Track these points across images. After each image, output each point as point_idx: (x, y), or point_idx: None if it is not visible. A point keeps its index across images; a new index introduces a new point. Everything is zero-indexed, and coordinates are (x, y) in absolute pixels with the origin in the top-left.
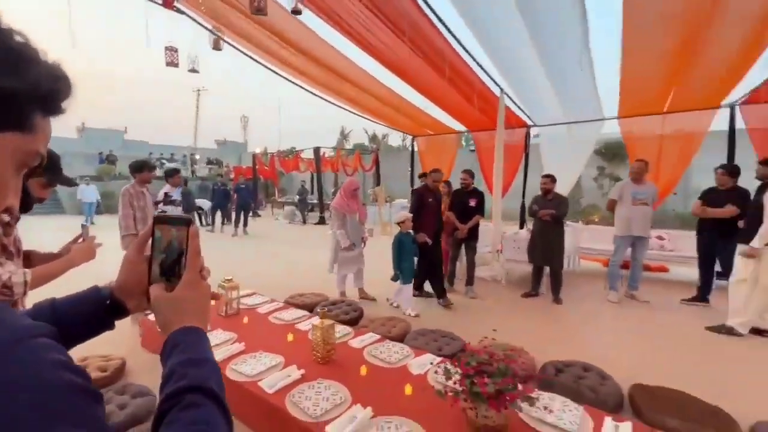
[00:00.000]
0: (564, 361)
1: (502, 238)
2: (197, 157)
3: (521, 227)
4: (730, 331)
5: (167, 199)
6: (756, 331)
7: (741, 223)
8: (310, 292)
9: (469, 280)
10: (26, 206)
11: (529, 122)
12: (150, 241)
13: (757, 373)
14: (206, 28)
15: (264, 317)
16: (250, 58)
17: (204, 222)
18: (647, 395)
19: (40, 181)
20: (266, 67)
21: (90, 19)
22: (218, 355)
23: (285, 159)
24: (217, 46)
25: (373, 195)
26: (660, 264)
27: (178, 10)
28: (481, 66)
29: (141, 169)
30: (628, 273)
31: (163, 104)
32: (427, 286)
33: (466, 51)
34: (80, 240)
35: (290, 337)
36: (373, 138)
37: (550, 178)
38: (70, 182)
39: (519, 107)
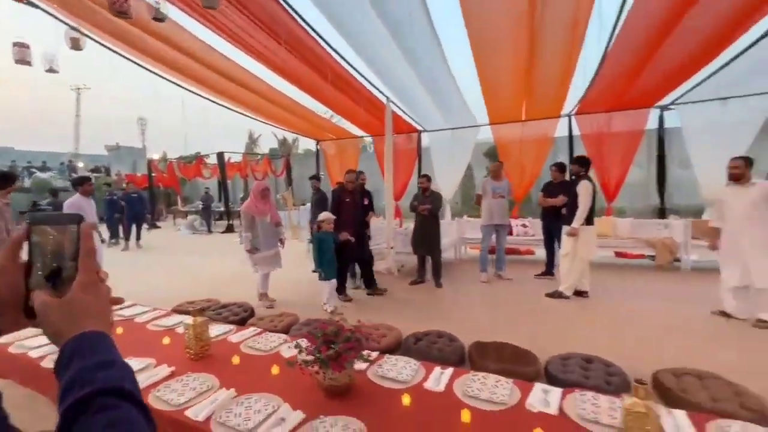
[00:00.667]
0: (424, 332)
1: (393, 234)
2: (80, 164)
3: None
4: (560, 295)
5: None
6: (578, 293)
7: (564, 210)
8: (204, 299)
9: None
10: None
11: (419, 128)
12: (27, 246)
13: (565, 322)
14: (66, 23)
15: (141, 326)
16: (127, 59)
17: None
18: (480, 349)
19: None
20: (150, 70)
21: None
22: None
23: (186, 165)
24: (76, 46)
25: (282, 199)
26: (528, 248)
27: (30, 3)
28: (363, 76)
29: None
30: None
31: (33, 105)
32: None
33: (345, 60)
34: None
35: (166, 341)
36: (283, 143)
37: (426, 178)
38: None
39: (407, 114)
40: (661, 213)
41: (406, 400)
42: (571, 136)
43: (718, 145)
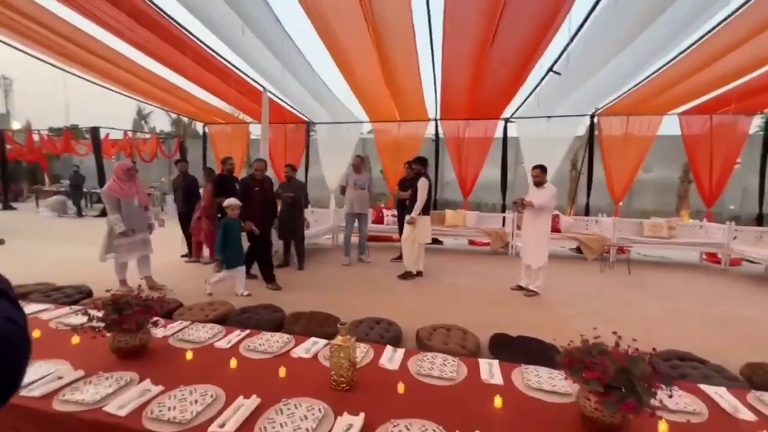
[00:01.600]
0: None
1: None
2: None
3: None
4: (409, 276)
5: None
6: (418, 273)
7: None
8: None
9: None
10: None
11: (306, 119)
12: None
13: (415, 296)
14: None
15: None
16: None
17: None
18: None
19: None
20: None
21: None
22: None
23: (52, 138)
24: None
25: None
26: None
27: None
28: (232, 64)
29: None
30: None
31: None
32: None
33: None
34: None
35: None
36: (177, 122)
37: (290, 167)
38: None
39: (291, 105)
40: (503, 208)
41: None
42: (437, 138)
43: (543, 153)
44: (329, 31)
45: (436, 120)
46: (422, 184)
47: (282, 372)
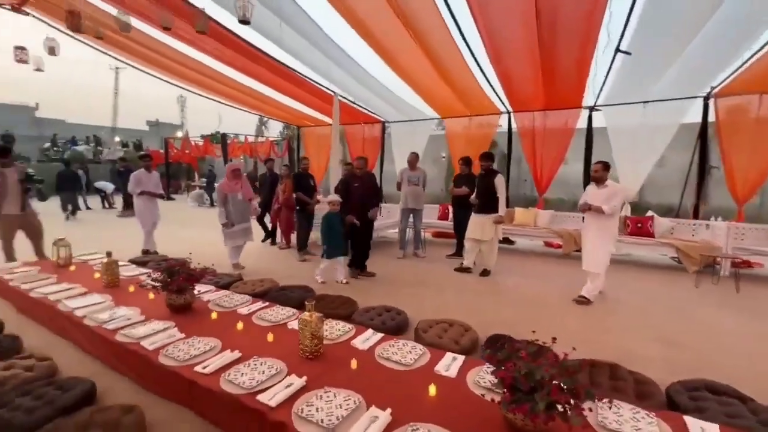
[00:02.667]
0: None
1: None
2: (116, 139)
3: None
4: (467, 270)
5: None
6: (485, 272)
7: (472, 199)
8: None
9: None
10: None
11: (381, 119)
12: None
13: (451, 292)
14: (55, 27)
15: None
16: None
17: (106, 204)
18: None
19: None
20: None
21: None
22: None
23: (195, 144)
24: (51, 53)
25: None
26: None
27: (26, 12)
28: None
29: None
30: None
31: (82, 81)
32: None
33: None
34: None
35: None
36: (288, 126)
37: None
38: None
39: (363, 107)
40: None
41: (213, 315)
42: (510, 131)
43: (639, 144)
44: (381, 46)
45: (509, 113)
46: (501, 181)
47: (270, 337)
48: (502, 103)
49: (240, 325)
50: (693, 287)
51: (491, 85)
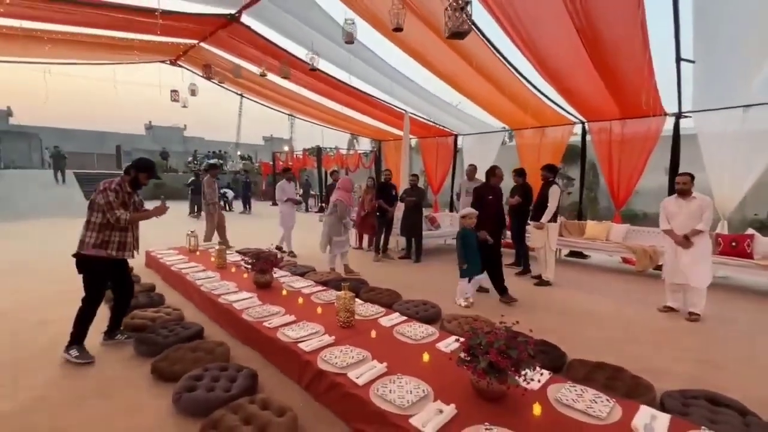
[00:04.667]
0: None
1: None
2: (239, 153)
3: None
4: (545, 283)
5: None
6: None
7: (531, 208)
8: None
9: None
10: (138, 187)
11: (454, 132)
12: None
13: (561, 305)
14: (196, 73)
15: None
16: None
17: (227, 207)
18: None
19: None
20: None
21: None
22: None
23: (297, 157)
24: (192, 94)
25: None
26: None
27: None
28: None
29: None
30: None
31: (216, 105)
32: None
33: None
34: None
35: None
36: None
37: (415, 176)
38: (158, 177)
39: (433, 122)
40: None
41: (284, 292)
42: (584, 142)
43: (737, 153)
44: (438, 70)
45: (582, 123)
46: (554, 192)
47: (319, 310)
48: (572, 115)
49: (300, 300)
50: None
51: (552, 101)
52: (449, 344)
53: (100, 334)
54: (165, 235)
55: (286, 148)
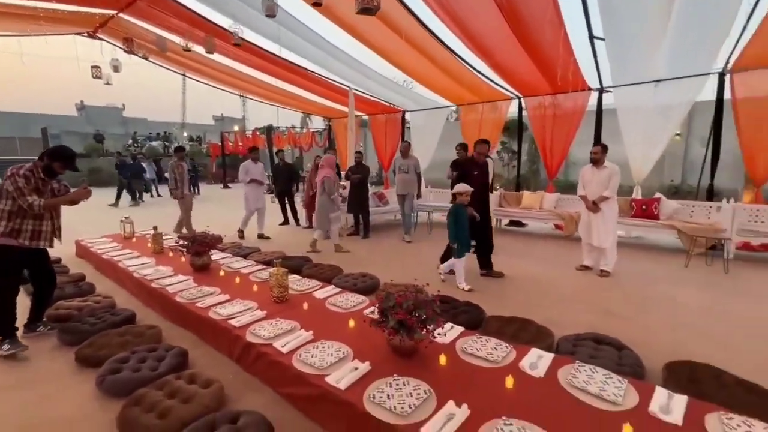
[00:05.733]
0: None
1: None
2: (185, 134)
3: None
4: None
5: None
6: None
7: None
8: None
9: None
10: (53, 176)
11: (401, 108)
12: None
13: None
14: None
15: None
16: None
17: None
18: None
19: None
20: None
21: None
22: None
23: (244, 136)
24: (116, 70)
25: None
26: None
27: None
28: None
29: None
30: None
31: (160, 82)
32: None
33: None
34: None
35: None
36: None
37: (359, 153)
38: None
39: (380, 99)
40: None
41: (221, 273)
42: (520, 116)
43: (650, 125)
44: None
45: (519, 98)
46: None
47: (255, 288)
48: (509, 90)
49: (237, 280)
50: (682, 267)
51: (487, 77)
52: (373, 310)
53: (21, 327)
54: (109, 222)
55: (236, 128)
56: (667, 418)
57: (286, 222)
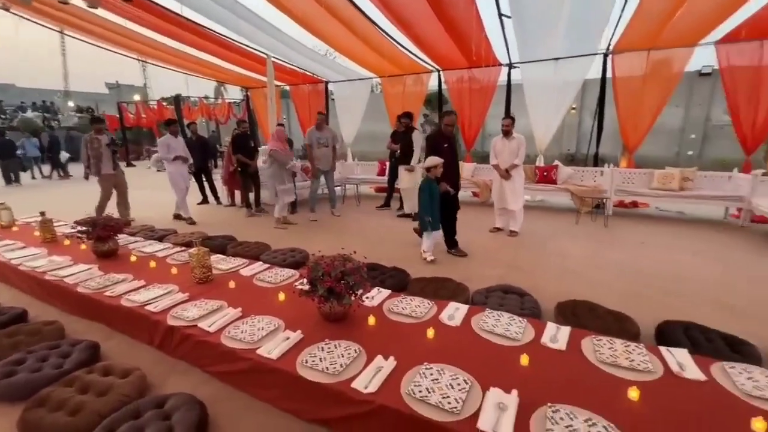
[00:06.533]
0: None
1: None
2: (70, 104)
3: None
4: (408, 216)
5: None
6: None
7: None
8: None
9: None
10: None
11: (324, 79)
12: None
13: (401, 234)
14: None
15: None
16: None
17: (61, 172)
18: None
19: None
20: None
21: None
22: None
23: (149, 108)
24: (92, 5)
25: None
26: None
27: None
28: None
29: None
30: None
31: (32, 43)
32: None
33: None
34: None
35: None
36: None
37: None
38: None
39: (301, 68)
40: None
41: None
42: (440, 89)
43: (550, 99)
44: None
45: (438, 71)
46: (417, 137)
47: (174, 270)
48: (428, 63)
49: (153, 264)
50: (573, 224)
51: (407, 49)
52: (304, 281)
53: None
54: None
55: (137, 98)
56: (555, 346)
57: (205, 201)
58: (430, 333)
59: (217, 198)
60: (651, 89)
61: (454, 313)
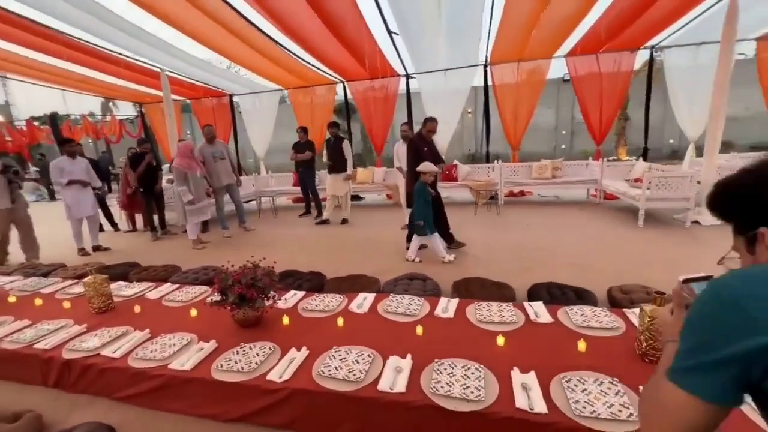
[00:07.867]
0: None
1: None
2: None
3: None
4: (327, 222)
5: None
6: (343, 221)
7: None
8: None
9: None
10: None
11: (229, 93)
12: None
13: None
14: None
15: None
16: None
17: None
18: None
19: None
20: None
21: None
22: None
23: (13, 129)
24: None
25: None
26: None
27: None
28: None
29: None
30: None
31: None
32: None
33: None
34: None
35: None
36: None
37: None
38: None
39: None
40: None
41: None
42: (346, 100)
43: (444, 106)
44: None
45: (343, 82)
46: (347, 146)
47: (67, 305)
48: (333, 76)
49: (38, 302)
50: (473, 215)
51: (309, 63)
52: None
53: None
54: None
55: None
56: (445, 315)
57: (100, 229)
58: (340, 321)
59: (114, 224)
60: (523, 94)
61: (363, 302)
